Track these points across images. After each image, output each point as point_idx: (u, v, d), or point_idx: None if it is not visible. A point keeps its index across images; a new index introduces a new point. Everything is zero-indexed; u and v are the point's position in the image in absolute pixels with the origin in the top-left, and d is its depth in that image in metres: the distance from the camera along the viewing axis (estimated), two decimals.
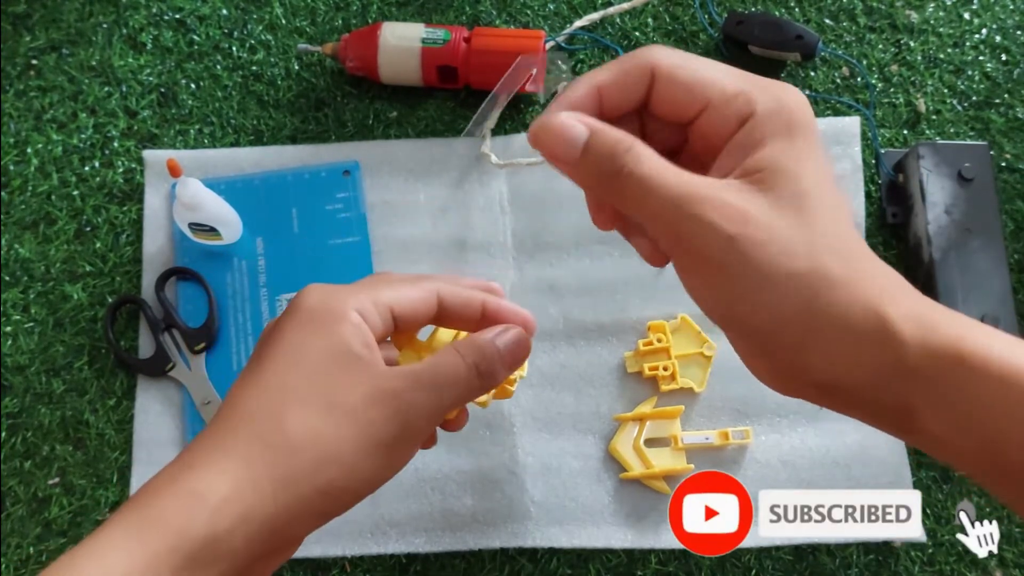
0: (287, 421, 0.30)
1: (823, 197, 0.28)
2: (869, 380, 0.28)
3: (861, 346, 0.27)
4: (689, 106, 0.30)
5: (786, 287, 0.27)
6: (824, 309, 0.27)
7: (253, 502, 0.29)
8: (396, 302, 0.34)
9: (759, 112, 0.29)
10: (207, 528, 0.28)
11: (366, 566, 0.51)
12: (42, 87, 0.61)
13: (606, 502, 0.51)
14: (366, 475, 0.32)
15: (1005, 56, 0.62)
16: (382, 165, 0.58)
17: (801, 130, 0.29)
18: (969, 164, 0.55)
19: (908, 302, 0.28)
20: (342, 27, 0.62)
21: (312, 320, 0.33)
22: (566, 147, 0.29)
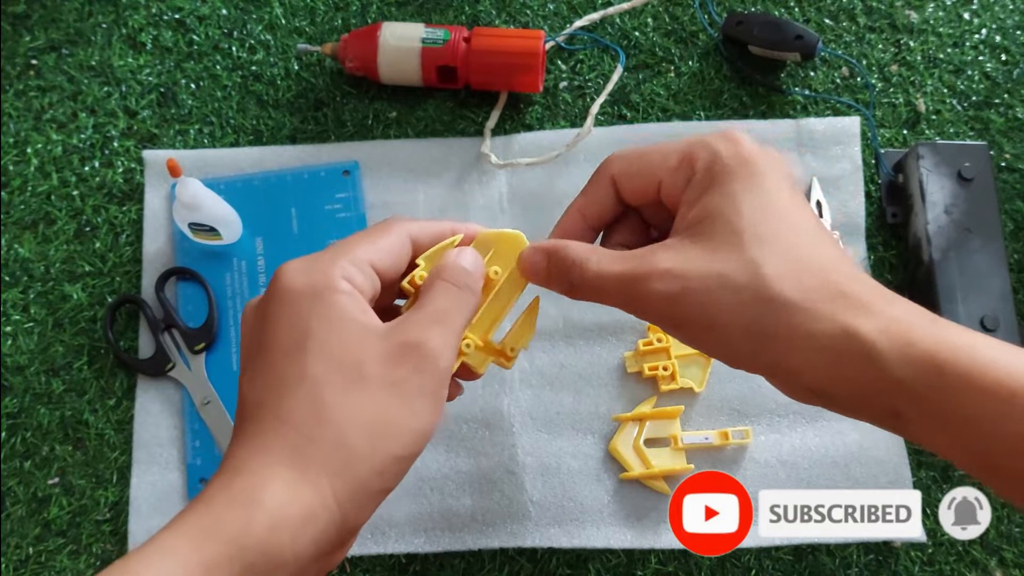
0: (325, 410, 0.30)
1: (766, 228, 0.30)
2: (858, 392, 0.29)
3: (841, 362, 0.29)
4: (649, 189, 0.34)
5: (743, 322, 0.30)
6: (787, 333, 0.29)
7: (314, 502, 0.28)
8: (375, 256, 0.34)
9: (697, 169, 0.32)
10: (267, 537, 0.27)
11: (366, 566, 0.51)
12: (42, 87, 0.61)
13: (606, 502, 0.51)
14: (417, 433, 0.31)
15: (1005, 56, 0.62)
16: (382, 165, 0.58)
17: (734, 173, 0.31)
18: (969, 164, 0.55)
19: (877, 314, 0.29)
20: (342, 27, 0.62)
21: (302, 298, 0.32)
22: (536, 275, 0.35)
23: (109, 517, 0.52)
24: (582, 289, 0.34)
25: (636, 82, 0.61)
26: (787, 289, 0.29)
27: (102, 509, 0.52)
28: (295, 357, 0.31)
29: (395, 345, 0.31)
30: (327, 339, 0.31)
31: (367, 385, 0.30)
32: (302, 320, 0.31)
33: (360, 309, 0.32)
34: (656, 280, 0.31)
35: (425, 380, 0.31)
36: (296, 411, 0.30)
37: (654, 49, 0.62)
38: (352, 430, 0.30)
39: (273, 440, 0.30)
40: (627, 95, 0.61)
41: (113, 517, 0.52)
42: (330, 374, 0.30)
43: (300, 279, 0.32)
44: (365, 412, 0.30)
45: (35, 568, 0.51)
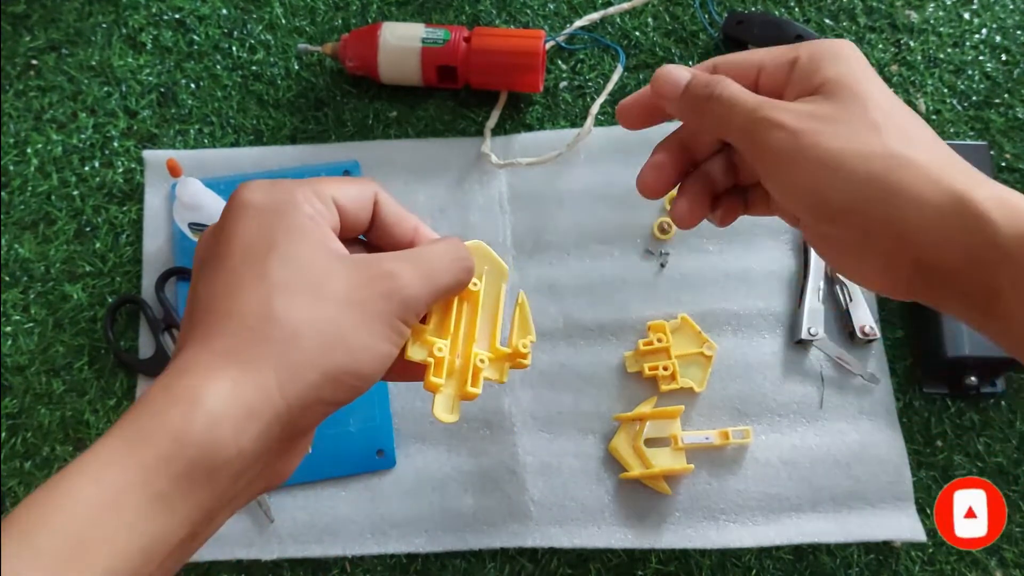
0: (277, 311, 0.29)
1: (884, 96, 0.32)
2: (964, 260, 0.30)
3: (954, 224, 0.29)
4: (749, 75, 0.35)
5: (857, 167, 0.30)
6: (900, 186, 0.30)
7: (258, 398, 0.28)
8: (339, 193, 0.33)
9: (804, 52, 0.34)
10: (208, 432, 0.26)
11: (366, 566, 0.51)
12: (42, 87, 0.61)
13: (606, 502, 0.51)
14: (373, 355, 0.30)
15: (1005, 56, 0.62)
16: (382, 165, 0.58)
17: (845, 56, 0.33)
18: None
19: (990, 186, 0.30)
20: (342, 27, 0.62)
21: (265, 212, 0.31)
22: (673, 85, 0.36)
23: None
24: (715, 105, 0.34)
25: (636, 82, 0.61)
26: (908, 150, 0.30)
27: None
28: (255, 262, 0.30)
29: (363, 269, 0.31)
30: (290, 251, 0.30)
31: (327, 298, 0.30)
32: (265, 231, 0.30)
33: (326, 234, 0.32)
34: (784, 112, 0.32)
35: (390, 307, 0.31)
36: (248, 309, 0.29)
37: (654, 49, 0.62)
38: (305, 333, 0.29)
39: (219, 337, 0.29)
40: (627, 95, 0.60)
41: None
42: (290, 282, 0.29)
43: (262, 195, 0.31)
44: (321, 321, 0.29)
45: None
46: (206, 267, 0.31)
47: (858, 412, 0.53)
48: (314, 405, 0.29)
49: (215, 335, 0.29)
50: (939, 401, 0.54)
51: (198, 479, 0.26)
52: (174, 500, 0.26)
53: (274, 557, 0.50)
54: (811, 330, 0.54)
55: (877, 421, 0.53)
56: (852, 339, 0.54)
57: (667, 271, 0.56)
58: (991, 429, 0.54)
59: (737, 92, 0.34)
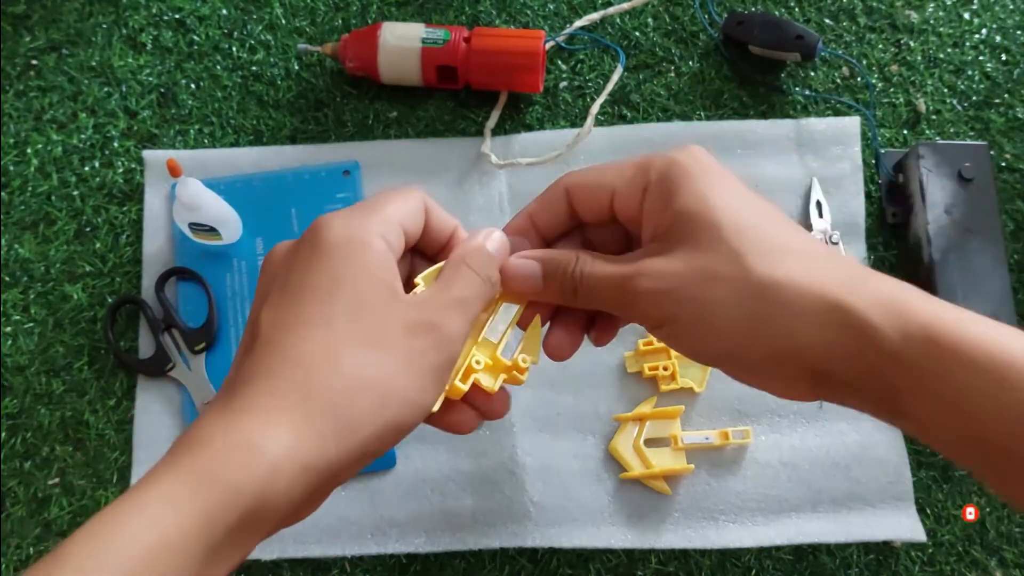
0: (341, 362, 0.29)
1: (740, 218, 0.31)
2: (857, 368, 0.29)
3: (839, 338, 0.29)
4: (602, 201, 0.35)
5: (736, 312, 0.30)
6: (783, 313, 0.30)
7: (315, 453, 0.28)
8: (404, 218, 0.34)
9: (653, 179, 0.33)
10: (265, 484, 0.26)
11: (366, 566, 0.51)
12: (42, 87, 0.61)
13: (606, 502, 0.51)
14: (420, 405, 0.31)
15: (1005, 56, 0.62)
16: (382, 165, 0.58)
17: (694, 173, 0.32)
18: (969, 164, 0.55)
19: (871, 289, 0.29)
20: (342, 27, 0.62)
21: (339, 248, 0.31)
22: (531, 282, 0.35)
23: None
24: (581, 288, 0.34)
25: (636, 82, 0.61)
26: (776, 272, 0.30)
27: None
28: (323, 302, 0.30)
29: (418, 319, 0.31)
30: (357, 293, 0.30)
31: (387, 349, 0.30)
32: (337, 269, 0.31)
33: (392, 272, 0.32)
34: (645, 279, 0.32)
35: (439, 359, 0.31)
36: (312, 356, 0.29)
37: (654, 49, 0.62)
38: (364, 388, 0.29)
39: (282, 381, 0.29)
40: (627, 95, 0.61)
41: None
42: (353, 328, 0.30)
43: (340, 231, 0.31)
44: (379, 374, 0.30)
45: None
46: (273, 296, 0.31)
47: (858, 413, 0.53)
48: (359, 459, 0.29)
49: (278, 378, 0.29)
50: None
51: (248, 529, 0.27)
52: (224, 549, 0.26)
53: (274, 557, 0.50)
54: None
55: (877, 421, 0.53)
56: None
57: None
58: None
59: (597, 269, 0.34)
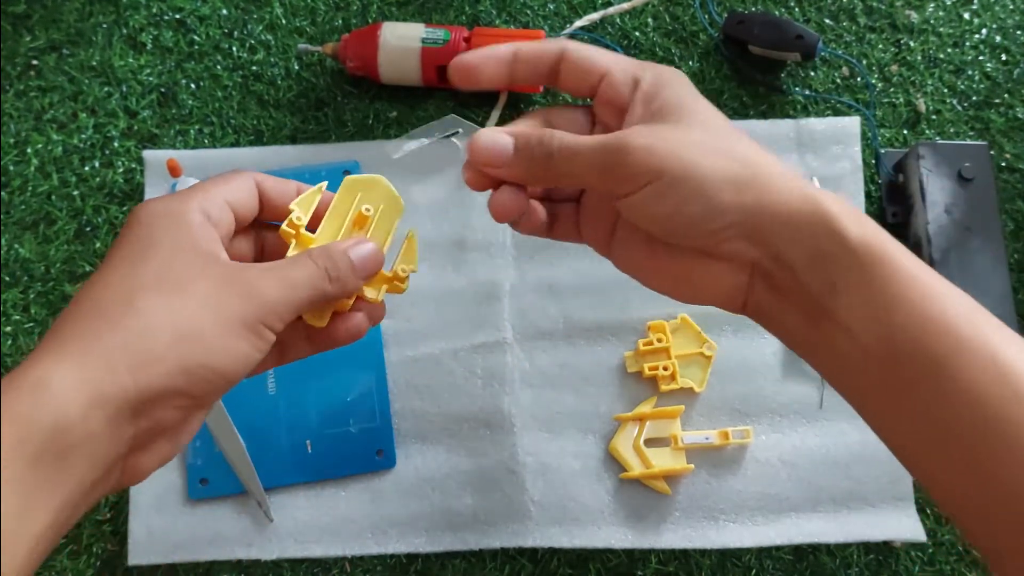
0: (138, 304, 0.30)
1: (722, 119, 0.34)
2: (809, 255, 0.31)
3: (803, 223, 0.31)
4: (591, 77, 0.36)
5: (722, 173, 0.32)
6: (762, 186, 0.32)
7: (107, 382, 0.28)
8: (230, 196, 0.35)
9: (650, 73, 0.35)
10: (55, 414, 0.27)
11: (366, 566, 0.51)
12: (42, 87, 0.61)
13: (606, 502, 0.51)
14: (231, 354, 0.31)
15: (1005, 56, 0.62)
16: (382, 165, 0.58)
17: (684, 82, 0.35)
18: (969, 164, 0.55)
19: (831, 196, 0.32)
20: (342, 27, 0.62)
21: (152, 223, 0.32)
22: (500, 153, 0.35)
23: (109, 517, 0.52)
24: (557, 158, 0.34)
25: None
26: (757, 159, 0.33)
27: (102, 509, 0.52)
28: (127, 270, 0.31)
29: (228, 273, 0.32)
30: (162, 256, 0.31)
31: (186, 295, 0.31)
32: (144, 240, 0.32)
33: (209, 239, 0.33)
34: (640, 136, 0.33)
35: (246, 310, 0.31)
36: (110, 302, 0.30)
37: (654, 49, 0.62)
38: (160, 324, 0.30)
39: (77, 328, 0.29)
40: None
41: (113, 517, 0.52)
42: (159, 281, 0.31)
43: (156, 208, 0.33)
44: (177, 315, 0.30)
45: None
46: (91, 276, 0.32)
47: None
48: (169, 396, 0.30)
49: (70, 323, 0.30)
50: None
51: (51, 463, 0.27)
52: (31, 484, 0.26)
53: (274, 557, 0.50)
54: None
55: None
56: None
57: None
58: None
59: (574, 139, 0.34)
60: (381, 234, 0.39)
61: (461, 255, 0.56)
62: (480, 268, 0.56)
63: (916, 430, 0.30)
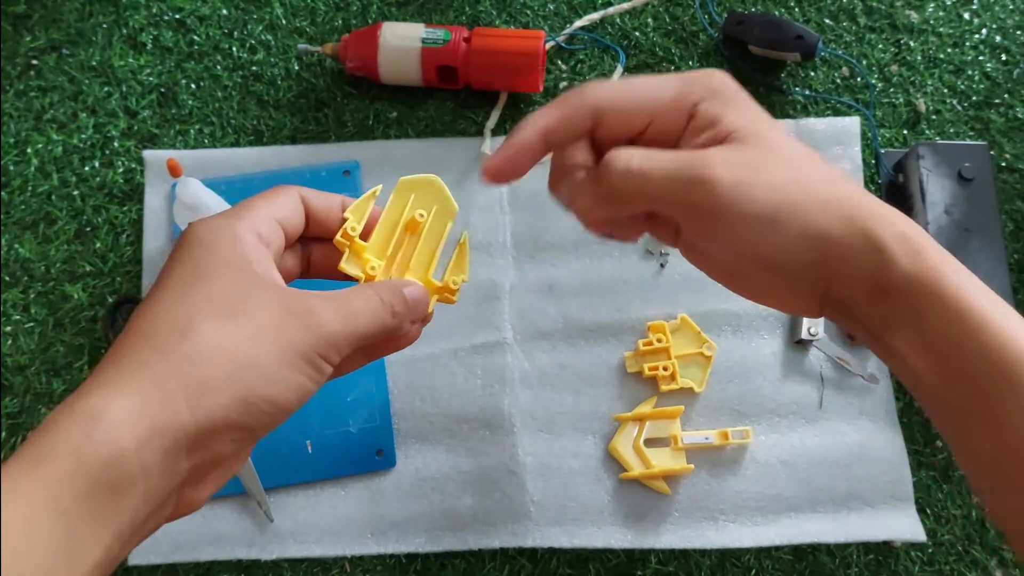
0: (194, 332, 0.29)
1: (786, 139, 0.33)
2: (870, 291, 0.31)
3: (859, 260, 0.31)
4: (637, 123, 0.34)
5: (795, 215, 0.31)
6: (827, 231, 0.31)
7: (164, 415, 0.27)
8: (277, 212, 0.34)
9: (701, 102, 0.33)
10: (109, 446, 0.26)
11: (366, 566, 0.51)
12: (42, 87, 0.61)
13: (606, 502, 0.51)
14: (287, 385, 0.30)
15: (1005, 56, 0.62)
16: (382, 165, 0.58)
17: (737, 100, 0.33)
18: (969, 164, 0.55)
19: (897, 225, 0.31)
20: (342, 27, 0.62)
21: (204, 245, 0.31)
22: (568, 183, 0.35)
23: None
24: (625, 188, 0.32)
25: None
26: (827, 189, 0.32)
27: None
28: (182, 293, 0.30)
29: (288, 301, 0.31)
30: (219, 280, 0.30)
31: (244, 322, 0.30)
32: (201, 262, 0.31)
33: (263, 260, 0.32)
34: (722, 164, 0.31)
35: (304, 339, 0.31)
36: (165, 330, 0.29)
37: (654, 49, 0.62)
38: (219, 354, 0.29)
39: (129, 355, 0.28)
40: None
41: None
42: (215, 307, 0.30)
43: (207, 230, 0.32)
44: (236, 343, 0.29)
45: None
46: (144, 302, 0.31)
47: (858, 412, 0.53)
48: (224, 428, 0.29)
49: (125, 353, 0.29)
50: None
51: (103, 496, 0.26)
52: (81, 518, 0.26)
53: (274, 557, 0.50)
54: (811, 330, 0.54)
55: (877, 421, 0.53)
56: (852, 339, 0.54)
57: (667, 271, 0.56)
58: None
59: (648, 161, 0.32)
60: (433, 239, 0.38)
61: None
62: (480, 268, 0.56)
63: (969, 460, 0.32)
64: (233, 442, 0.30)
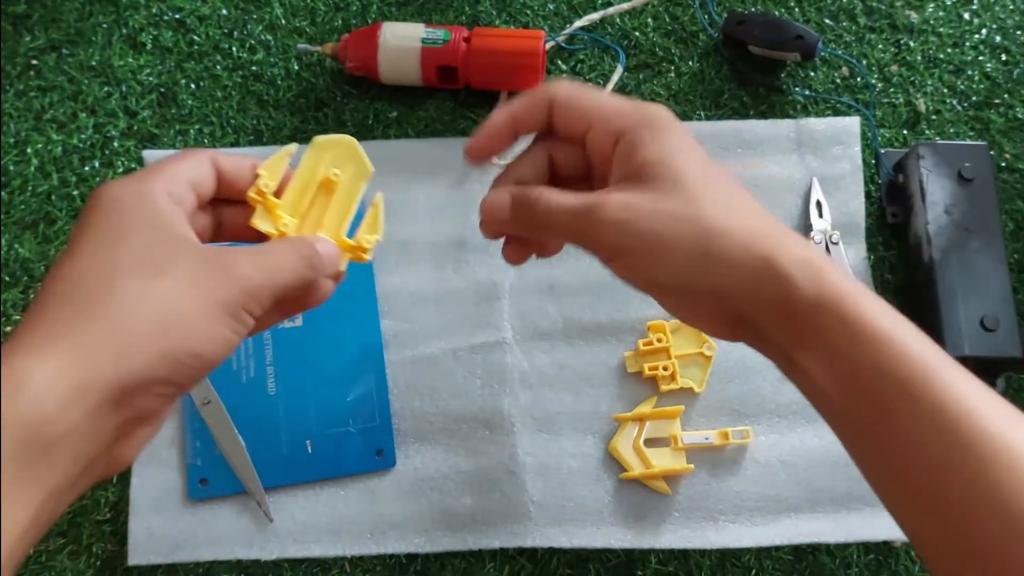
0: (117, 291, 0.29)
1: (698, 171, 0.35)
2: (773, 315, 0.33)
3: (763, 284, 0.33)
4: (579, 127, 0.37)
5: (685, 245, 0.33)
6: (722, 254, 0.33)
7: (89, 375, 0.28)
8: (191, 175, 0.34)
9: (629, 126, 0.36)
10: (35, 409, 0.27)
11: (366, 566, 0.51)
12: (42, 87, 0.61)
13: (606, 502, 0.51)
14: (212, 339, 0.31)
15: (1005, 56, 0.62)
16: (382, 165, 0.58)
17: (664, 130, 0.36)
18: (969, 164, 0.55)
19: (797, 251, 0.33)
20: (342, 27, 0.62)
21: (123, 205, 0.32)
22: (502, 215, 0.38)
23: (109, 517, 0.52)
24: (540, 217, 0.37)
25: (636, 82, 0.61)
26: (724, 223, 0.34)
27: (102, 509, 0.52)
28: (102, 254, 0.30)
29: (208, 257, 0.32)
30: (139, 239, 0.31)
31: (166, 280, 0.30)
32: (118, 224, 0.31)
33: (179, 220, 0.32)
34: (608, 209, 0.35)
35: (227, 294, 0.31)
36: (87, 290, 0.29)
37: (654, 49, 0.62)
38: (142, 312, 0.29)
39: (52, 318, 0.29)
40: (627, 95, 0.61)
41: (113, 517, 0.52)
42: (136, 265, 0.30)
43: (119, 189, 0.32)
44: (159, 301, 0.30)
45: (35, 568, 0.51)
46: (58, 262, 0.31)
47: None
48: (150, 383, 0.29)
49: (49, 314, 0.29)
50: None
51: (31, 459, 0.27)
52: (9, 481, 0.26)
53: (274, 557, 0.50)
54: None
55: None
56: None
57: None
58: None
59: (555, 200, 0.36)
60: (347, 198, 0.38)
61: (461, 255, 0.56)
62: (480, 268, 0.56)
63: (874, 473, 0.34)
64: (158, 397, 0.30)
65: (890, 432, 0.31)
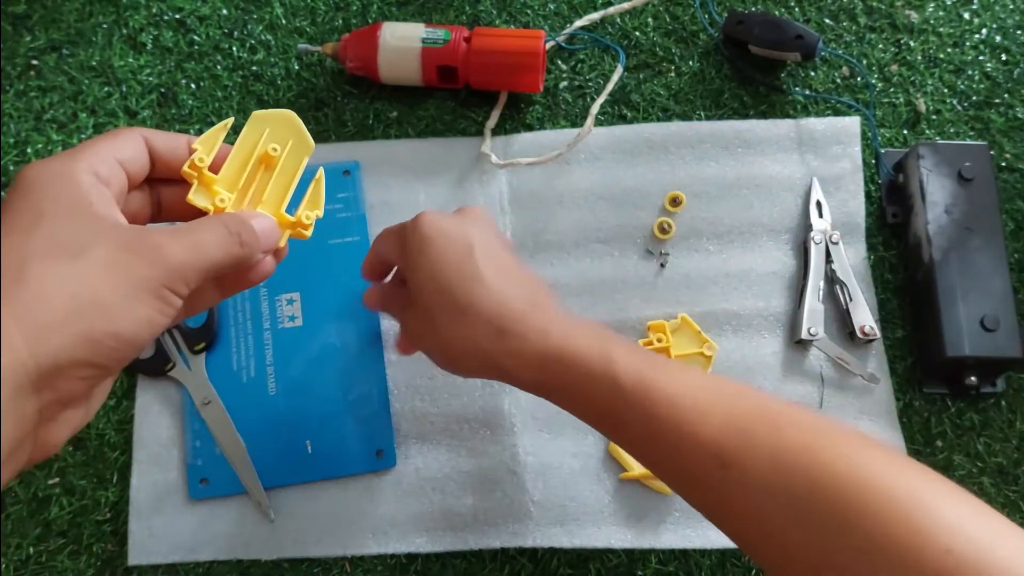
0: (31, 276, 0.29)
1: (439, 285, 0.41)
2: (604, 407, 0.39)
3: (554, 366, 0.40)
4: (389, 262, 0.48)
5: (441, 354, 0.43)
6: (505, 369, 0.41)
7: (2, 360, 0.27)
8: (120, 153, 0.34)
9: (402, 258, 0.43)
10: None
11: (366, 566, 0.51)
12: (42, 87, 0.61)
13: (606, 502, 0.51)
14: (134, 320, 0.30)
15: (1005, 56, 0.62)
16: (382, 165, 0.58)
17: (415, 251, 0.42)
18: (969, 164, 0.55)
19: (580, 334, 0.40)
20: (342, 27, 0.62)
21: (41, 187, 0.31)
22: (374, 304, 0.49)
23: (109, 517, 0.52)
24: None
25: (636, 82, 0.61)
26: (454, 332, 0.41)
27: (102, 509, 0.52)
28: (18, 236, 0.30)
29: (129, 237, 0.31)
30: (56, 222, 0.30)
31: (84, 261, 0.30)
32: (36, 206, 0.31)
33: (103, 200, 0.32)
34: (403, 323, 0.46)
35: (150, 274, 0.31)
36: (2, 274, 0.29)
37: (654, 49, 0.62)
38: (56, 295, 0.29)
39: None
40: (627, 95, 0.61)
41: (113, 517, 0.52)
42: (49, 249, 0.30)
43: (42, 171, 0.32)
44: (75, 284, 0.29)
45: (36, 568, 0.51)
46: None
47: (858, 412, 0.53)
48: (70, 366, 0.29)
49: None
50: (939, 401, 0.54)
51: None
52: None
53: (274, 557, 0.50)
54: (811, 330, 0.54)
55: (877, 421, 0.53)
56: (852, 339, 0.54)
57: (667, 271, 0.56)
58: (991, 429, 0.54)
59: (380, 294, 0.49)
60: (287, 174, 0.38)
61: None
62: None
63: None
64: (82, 380, 0.30)
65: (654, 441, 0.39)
